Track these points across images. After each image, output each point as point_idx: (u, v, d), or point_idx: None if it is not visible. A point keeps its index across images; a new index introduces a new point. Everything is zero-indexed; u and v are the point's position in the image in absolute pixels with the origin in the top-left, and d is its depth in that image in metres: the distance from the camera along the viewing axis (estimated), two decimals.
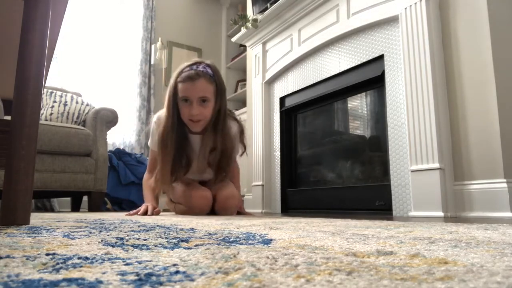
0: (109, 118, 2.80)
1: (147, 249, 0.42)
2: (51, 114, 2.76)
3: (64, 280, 0.25)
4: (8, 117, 0.93)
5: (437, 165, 1.81)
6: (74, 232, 0.65)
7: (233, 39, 3.57)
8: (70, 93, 3.05)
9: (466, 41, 1.83)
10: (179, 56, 4.22)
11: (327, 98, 2.68)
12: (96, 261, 0.33)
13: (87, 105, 2.95)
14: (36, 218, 1.20)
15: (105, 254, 0.38)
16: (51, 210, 3.14)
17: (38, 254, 0.37)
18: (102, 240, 0.50)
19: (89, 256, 0.36)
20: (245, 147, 1.88)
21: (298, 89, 2.88)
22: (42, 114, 2.74)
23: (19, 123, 0.81)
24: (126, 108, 3.79)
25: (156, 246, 0.45)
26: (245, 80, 4.04)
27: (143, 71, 3.91)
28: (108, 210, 2.93)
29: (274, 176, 3.01)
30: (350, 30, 2.41)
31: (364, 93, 2.50)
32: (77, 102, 2.91)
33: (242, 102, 4.20)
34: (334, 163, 2.74)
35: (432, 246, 0.44)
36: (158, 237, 0.55)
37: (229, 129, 1.81)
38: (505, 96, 1.71)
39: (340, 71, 2.50)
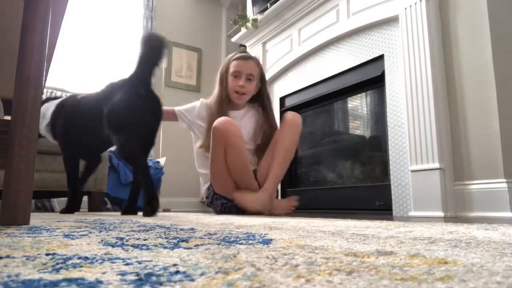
0: None
1: (147, 249, 0.42)
2: None
3: (64, 280, 0.25)
4: (8, 117, 0.93)
5: (437, 165, 1.81)
6: (74, 232, 0.65)
7: (233, 39, 3.56)
8: (70, 93, 3.04)
9: (466, 41, 1.83)
10: (179, 56, 4.22)
11: (327, 98, 2.68)
12: (96, 261, 0.33)
13: None
14: (36, 218, 1.20)
15: (105, 254, 0.38)
16: (51, 210, 3.14)
17: (38, 254, 0.37)
18: (102, 240, 0.50)
19: (89, 256, 0.36)
20: None
21: (298, 89, 2.88)
22: None
23: (19, 123, 0.81)
24: None
25: (156, 246, 0.44)
26: None
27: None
28: (108, 210, 2.93)
29: None
30: (350, 30, 2.41)
31: (364, 93, 2.50)
32: None
33: None
34: (334, 163, 2.73)
35: (432, 246, 0.44)
36: (158, 237, 0.55)
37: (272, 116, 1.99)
38: (505, 96, 1.71)
39: (340, 71, 2.50)
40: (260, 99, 1.98)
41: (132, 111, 1.54)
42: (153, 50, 1.60)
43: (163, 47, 1.64)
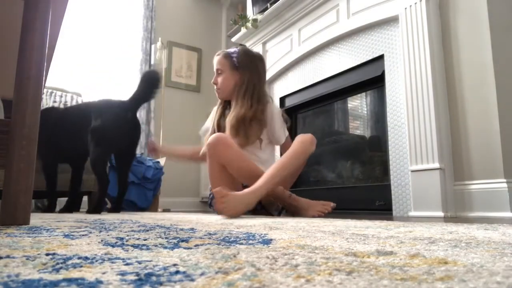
0: None
1: (147, 249, 0.42)
2: None
3: (64, 280, 0.25)
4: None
5: (437, 165, 1.81)
6: (74, 232, 0.65)
7: (233, 39, 3.56)
8: (70, 93, 3.04)
9: (466, 41, 1.83)
10: (179, 56, 4.22)
11: (327, 98, 2.68)
12: (96, 261, 0.33)
13: None
14: (36, 218, 1.20)
15: (105, 254, 0.38)
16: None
17: (38, 254, 0.37)
18: (102, 240, 0.50)
19: (89, 256, 0.36)
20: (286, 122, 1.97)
21: (298, 89, 2.88)
22: None
23: (19, 123, 0.81)
24: None
25: (156, 246, 0.44)
26: None
27: (143, 71, 3.91)
28: (108, 210, 2.93)
29: None
30: (350, 30, 2.41)
31: (364, 93, 2.50)
32: (77, 102, 2.91)
33: None
34: (334, 163, 2.73)
35: (432, 246, 0.44)
36: (158, 237, 0.55)
37: (259, 107, 1.82)
38: (505, 96, 1.71)
39: (340, 71, 2.50)
40: (244, 93, 1.82)
41: (114, 130, 1.99)
42: (149, 87, 2.07)
43: (157, 85, 2.09)
